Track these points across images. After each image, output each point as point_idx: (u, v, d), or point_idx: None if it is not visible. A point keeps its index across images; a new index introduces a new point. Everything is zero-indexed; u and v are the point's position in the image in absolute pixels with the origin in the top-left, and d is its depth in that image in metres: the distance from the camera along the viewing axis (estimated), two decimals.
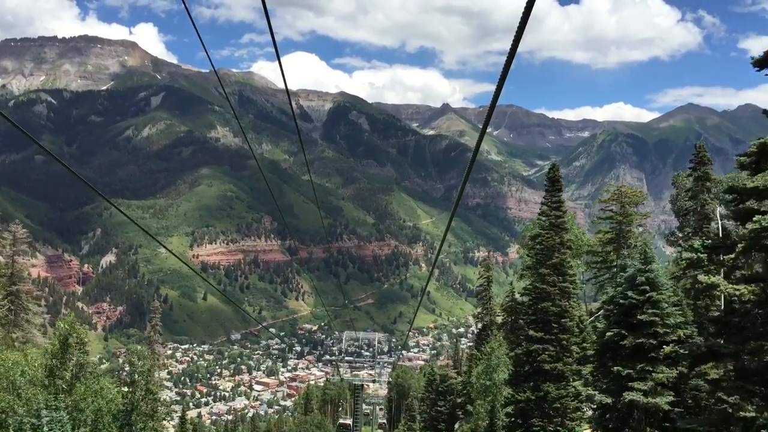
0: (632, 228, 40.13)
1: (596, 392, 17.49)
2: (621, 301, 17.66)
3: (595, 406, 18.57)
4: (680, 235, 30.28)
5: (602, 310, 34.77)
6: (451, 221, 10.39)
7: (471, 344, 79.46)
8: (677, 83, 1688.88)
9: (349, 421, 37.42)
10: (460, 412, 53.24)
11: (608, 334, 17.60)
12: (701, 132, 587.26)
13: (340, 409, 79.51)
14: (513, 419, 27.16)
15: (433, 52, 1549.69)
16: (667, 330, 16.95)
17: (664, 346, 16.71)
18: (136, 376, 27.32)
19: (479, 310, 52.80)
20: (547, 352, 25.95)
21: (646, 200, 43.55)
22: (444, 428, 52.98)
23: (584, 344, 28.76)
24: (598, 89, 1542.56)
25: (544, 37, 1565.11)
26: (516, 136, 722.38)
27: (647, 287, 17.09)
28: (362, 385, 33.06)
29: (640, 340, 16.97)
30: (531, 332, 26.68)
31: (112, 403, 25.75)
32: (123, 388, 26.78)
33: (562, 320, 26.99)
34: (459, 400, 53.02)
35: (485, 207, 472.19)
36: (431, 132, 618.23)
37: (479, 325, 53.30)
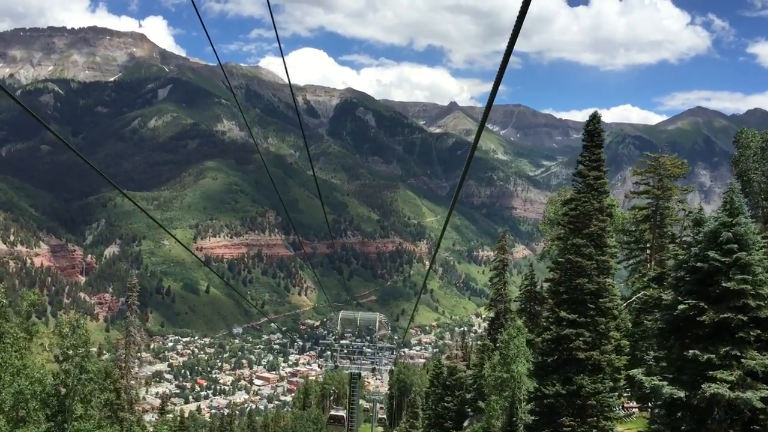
0: (671, 204, 35.44)
1: (664, 383, 13.70)
2: (698, 264, 13.87)
3: (660, 402, 14.62)
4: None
5: (639, 294, 30.93)
6: (451, 213, 9.91)
7: (477, 342, 75.18)
8: (685, 87, 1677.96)
9: (341, 413, 31.11)
10: (469, 409, 49.31)
11: (680, 307, 13.87)
12: (709, 135, 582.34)
13: (332, 398, 76.06)
14: (537, 417, 23.52)
15: (441, 50, 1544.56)
16: (761, 303, 13.17)
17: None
18: (69, 351, 21.58)
19: (492, 296, 48.25)
20: (581, 338, 22.11)
21: (689, 172, 37.84)
22: (451, 426, 48.92)
23: (618, 332, 25.02)
24: (605, 91, 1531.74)
25: (552, 38, 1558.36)
26: (523, 136, 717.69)
27: (734, 246, 13.33)
28: (359, 373, 28.60)
29: (724, 315, 13.25)
30: (562, 314, 22.69)
31: (39, 384, 20.82)
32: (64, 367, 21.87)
33: (600, 300, 23.07)
34: (469, 396, 49.03)
35: (490, 206, 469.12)
36: (438, 130, 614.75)
37: (492, 313, 48.80)
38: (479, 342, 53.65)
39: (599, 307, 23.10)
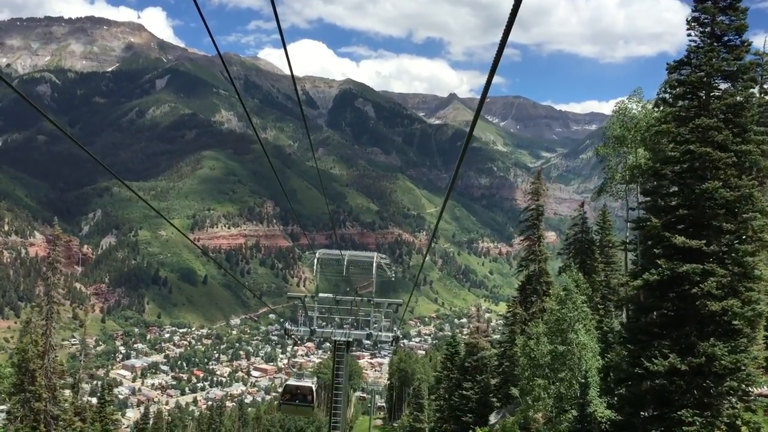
0: None
1: None
2: None
3: None
4: None
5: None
6: (447, 200, 9.54)
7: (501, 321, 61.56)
8: None
9: (307, 383, 19.92)
10: (494, 399, 39.66)
11: None
12: None
13: (293, 363, 71.90)
14: (631, 410, 14.80)
15: (441, 42, 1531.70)
16: None
17: None
18: None
19: (523, 254, 39.08)
20: (711, 279, 13.46)
21: None
22: (471, 421, 38.42)
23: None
24: (605, 83, 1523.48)
25: (552, 30, 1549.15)
26: (523, 128, 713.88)
27: None
28: (348, 342, 18.31)
29: None
30: (678, 240, 13.83)
31: None
32: None
33: (743, 217, 14.24)
34: (494, 381, 39.75)
35: (490, 197, 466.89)
36: (437, 121, 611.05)
37: (522, 276, 38.73)
38: (508, 310, 40.06)
39: (739, 229, 14.16)
